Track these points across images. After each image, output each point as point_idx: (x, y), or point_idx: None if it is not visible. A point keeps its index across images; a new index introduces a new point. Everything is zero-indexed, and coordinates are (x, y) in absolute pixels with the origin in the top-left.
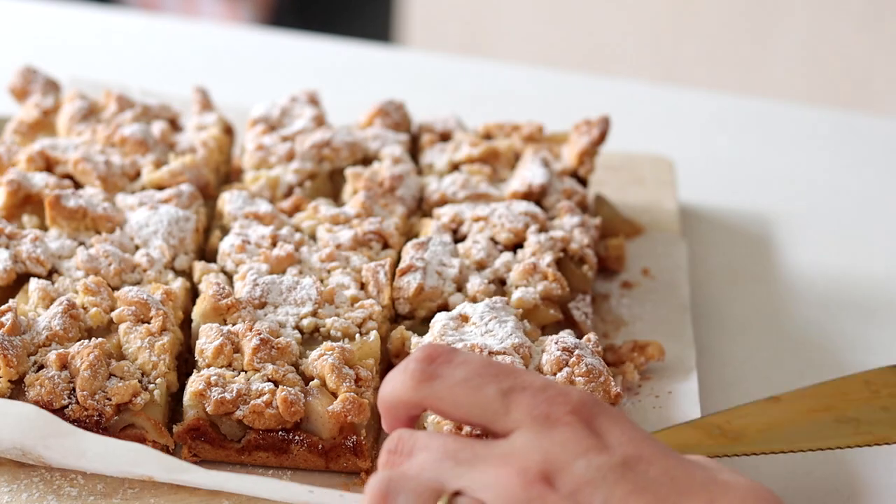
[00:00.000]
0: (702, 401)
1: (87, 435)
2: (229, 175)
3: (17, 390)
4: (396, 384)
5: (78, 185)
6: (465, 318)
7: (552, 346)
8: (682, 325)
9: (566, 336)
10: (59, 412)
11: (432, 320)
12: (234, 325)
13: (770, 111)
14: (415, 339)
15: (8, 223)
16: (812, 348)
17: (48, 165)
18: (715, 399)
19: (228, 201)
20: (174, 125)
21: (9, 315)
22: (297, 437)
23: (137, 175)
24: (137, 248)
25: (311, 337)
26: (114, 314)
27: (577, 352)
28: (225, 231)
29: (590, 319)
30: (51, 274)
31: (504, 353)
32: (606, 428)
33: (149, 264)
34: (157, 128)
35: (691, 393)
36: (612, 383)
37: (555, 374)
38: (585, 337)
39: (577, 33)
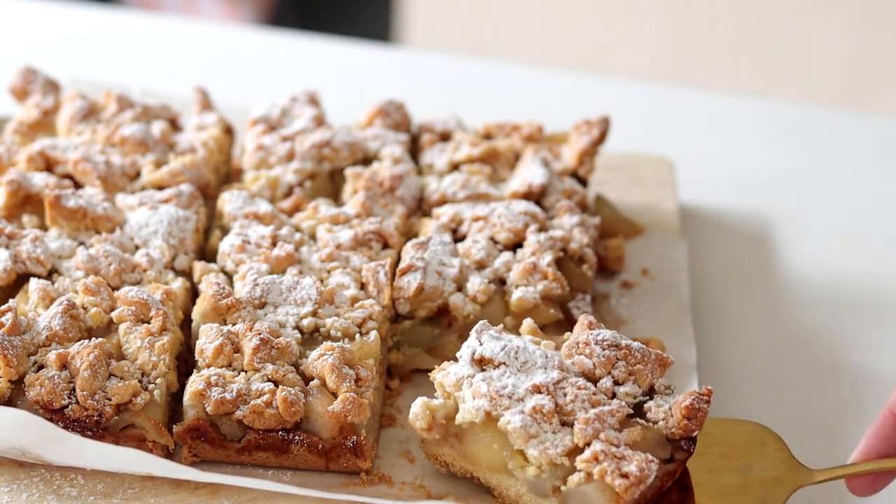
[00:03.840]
0: None
1: (84, 440)
2: (229, 175)
3: (17, 390)
4: None
5: (78, 185)
6: (486, 362)
7: (595, 348)
8: (682, 325)
9: (602, 332)
10: (59, 412)
11: (449, 374)
12: (234, 325)
13: (770, 111)
14: (441, 410)
15: (8, 223)
16: (812, 348)
17: (48, 165)
18: (715, 399)
19: (228, 201)
20: (174, 125)
21: (9, 315)
22: (297, 437)
23: (137, 175)
24: (137, 248)
25: (311, 337)
26: (114, 314)
27: (623, 343)
28: (225, 231)
29: None
30: (51, 274)
31: (567, 377)
32: None
33: (149, 264)
34: (157, 128)
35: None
36: (663, 353)
37: (609, 373)
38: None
39: (577, 33)
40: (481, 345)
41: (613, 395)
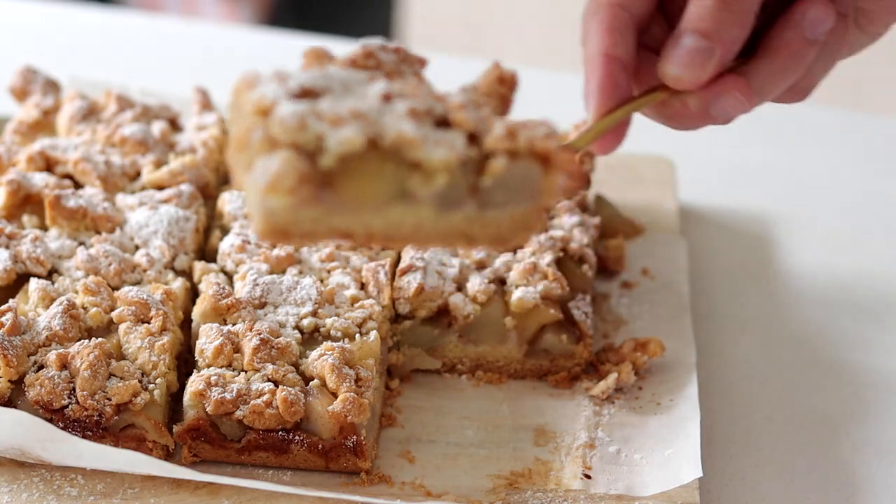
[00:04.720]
0: (701, 400)
1: (84, 442)
2: (229, 175)
3: (17, 390)
4: None
5: (78, 185)
6: (308, 93)
7: (381, 54)
8: (682, 325)
9: (368, 40)
10: (59, 412)
11: (284, 119)
12: (234, 325)
13: (770, 111)
14: (299, 160)
15: (8, 223)
16: (812, 348)
17: (48, 165)
18: (715, 398)
19: (228, 201)
20: (174, 125)
21: (9, 315)
22: (297, 437)
23: (137, 175)
24: (137, 248)
25: (311, 337)
26: (114, 314)
27: (389, 44)
28: (225, 231)
29: (589, 319)
30: (51, 274)
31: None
32: None
33: (149, 264)
34: (157, 128)
35: (691, 393)
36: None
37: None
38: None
39: (577, 33)
40: (283, 82)
41: None
